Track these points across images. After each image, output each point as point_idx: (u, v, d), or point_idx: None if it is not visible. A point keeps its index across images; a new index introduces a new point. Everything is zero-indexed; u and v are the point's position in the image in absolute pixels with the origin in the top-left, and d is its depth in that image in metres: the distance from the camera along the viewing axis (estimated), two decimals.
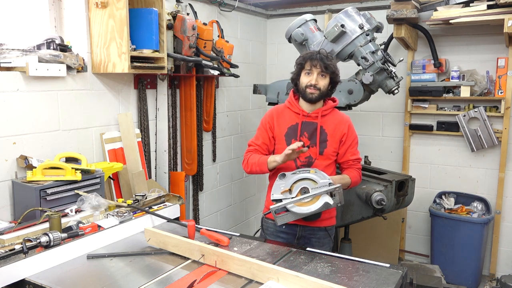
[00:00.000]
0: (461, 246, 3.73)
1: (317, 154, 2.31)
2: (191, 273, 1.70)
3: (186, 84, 3.43)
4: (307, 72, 2.29)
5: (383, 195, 2.94)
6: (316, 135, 2.31)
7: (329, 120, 2.35)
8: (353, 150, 2.40)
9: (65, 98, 2.56)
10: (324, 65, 2.25)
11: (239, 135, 4.35)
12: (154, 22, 2.71)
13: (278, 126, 2.37)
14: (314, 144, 2.31)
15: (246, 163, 2.37)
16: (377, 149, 4.28)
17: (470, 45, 3.82)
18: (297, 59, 2.35)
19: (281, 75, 4.41)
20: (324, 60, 2.25)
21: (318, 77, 2.27)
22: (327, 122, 2.34)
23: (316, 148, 2.31)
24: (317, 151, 2.31)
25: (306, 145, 2.29)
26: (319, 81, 2.27)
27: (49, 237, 1.78)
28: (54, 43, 2.43)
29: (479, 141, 3.78)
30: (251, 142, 2.44)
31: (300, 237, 2.36)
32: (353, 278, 1.69)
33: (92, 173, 2.43)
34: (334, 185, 1.99)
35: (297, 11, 4.43)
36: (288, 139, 2.33)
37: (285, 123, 2.36)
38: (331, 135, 2.33)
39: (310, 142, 2.31)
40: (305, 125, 2.33)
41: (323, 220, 2.35)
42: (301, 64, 2.30)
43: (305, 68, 2.29)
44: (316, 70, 2.26)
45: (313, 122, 2.33)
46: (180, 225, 2.20)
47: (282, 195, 2.00)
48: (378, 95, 3.36)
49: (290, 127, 2.35)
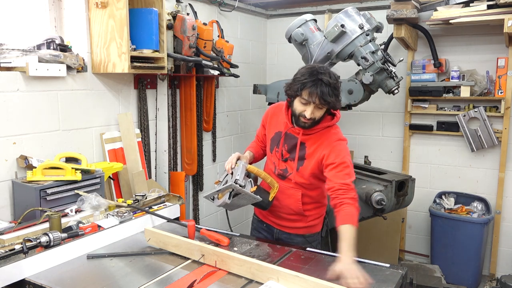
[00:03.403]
0: (461, 246, 3.73)
1: (295, 169, 2.16)
2: (191, 273, 1.70)
3: (186, 84, 3.43)
4: (303, 101, 1.99)
5: (383, 195, 2.94)
6: (297, 151, 2.14)
7: (313, 139, 2.12)
8: (341, 174, 2.00)
9: (65, 98, 2.56)
10: (323, 102, 1.95)
11: (239, 135, 4.35)
12: (154, 22, 2.71)
13: (269, 127, 2.28)
14: (292, 159, 2.16)
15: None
16: (377, 149, 4.28)
17: (470, 45, 3.82)
18: (297, 78, 2.00)
19: (281, 75, 4.42)
20: (326, 95, 1.93)
21: (314, 109, 1.99)
22: (310, 141, 2.12)
23: (294, 163, 2.15)
24: (295, 166, 2.15)
25: (285, 157, 2.18)
26: (315, 113, 2.00)
27: (49, 237, 1.78)
28: (54, 43, 2.43)
29: (479, 141, 3.78)
30: (255, 137, 2.42)
31: (278, 239, 2.29)
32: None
33: (92, 173, 2.43)
34: (228, 185, 1.97)
35: (297, 11, 4.43)
36: (272, 144, 2.25)
37: (275, 126, 2.25)
38: (309, 154, 2.11)
39: (289, 155, 2.17)
40: (288, 137, 2.17)
41: (299, 228, 2.26)
42: (296, 92, 1.99)
43: (302, 97, 1.98)
44: (313, 104, 1.97)
45: (295, 137, 2.15)
46: (180, 225, 2.20)
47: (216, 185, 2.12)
48: (378, 95, 3.36)
49: (277, 132, 2.23)
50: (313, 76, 1.95)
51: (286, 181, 2.20)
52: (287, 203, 2.22)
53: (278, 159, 2.21)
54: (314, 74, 1.95)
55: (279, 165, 2.21)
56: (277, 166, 2.22)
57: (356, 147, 4.34)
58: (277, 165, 2.22)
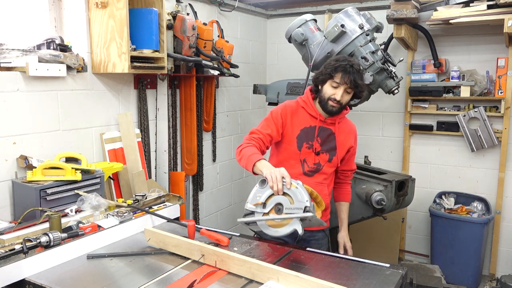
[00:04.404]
0: (461, 246, 3.73)
1: (326, 161, 2.25)
2: (191, 273, 1.70)
3: (186, 84, 3.43)
4: (334, 84, 2.13)
5: (383, 195, 2.94)
6: (329, 142, 2.24)
7: (341, 128, 2.28)
8: (352, 161, 2.39)
9: (65, 98, 2.56)
10: (354, 84, 2.11)
11: (239, 135, 4.34)
12: (154, 22, 2.71)
13: (292, 126, 2.23)
14: (325, 150, 2.24)
15: (240, 151, 2.06)
16: (377, 149, 4.28)
17: (470, 45, 3.82)
18: (329, 63, 2.16)
19: (281, 75, 4.41)
20: (357, 79, 2.10)
21: (344, 93, 2.13)
22: (339, 130, 2.27)
23: (326, 155, 2.25)
24: (327, 158, 2.25)
25: (317, 150, 2.23)
26: (344, 97, 2.14)
27: (49, 237, 1.78)
28: (54, 43, 2.43)
29: (479, 141, 3.78)
30: (256, 130, 2.18)
31: (300, 240, 2.29)
32: (353, 278, 1.69)
33: (92, 173, 2.43)
34: (307, 213, 1.75)
35: (297, 11, 4.43)
36: (300, 142, 2.22)
37: (299, 124, 2.23)
38: (341, 143, 2.27)
39: (321, 148, 2.23)
40: (320, 130, 2.24)
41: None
42: (330, 74, 2.12)
43: (334, 80, 2.12)
44: (344, 86, 2.12)
45: (328, 128, 2.24)
46: (180, 225, 2.20)
47: (254, 207, 1.83)
48: (378, 95, 3.36)
49: (303, 129, 2.23)
50: (345, 61, 2.13)
51: (315, 177, 2.24)
52: None
53: (311, 153, 2.22)
54: (345, 60, 2.14)
55: (311, 160, 2.22)
56: (308, 163, 2.23)
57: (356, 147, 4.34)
58: (308, 162, 2.23)
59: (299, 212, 1.74)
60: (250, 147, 2.05)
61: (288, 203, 1.78)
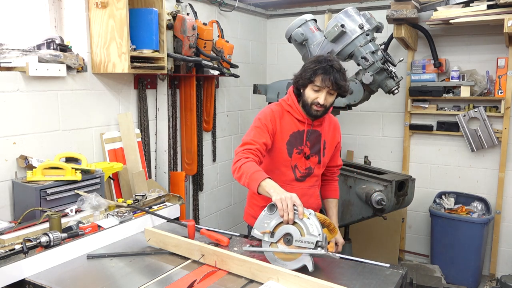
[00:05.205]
0: (461, 246, 3.73)
1: (316, 163, 2.19)
2: (191, 273, 1.70)
3: (186, 84, 3.43)
4: (315, 88, 2.01)
5: (383, 195, 2.94)
6: (317, 143, 2.18)
7: (326, 127, 2.21)
8: (338, 156, 2.35)
9: (65, 98, 2.56)
10: (337, 86, 1.98)
11: (239, 135, 4.34)
12: (154, 22, 2.71)
13: (281, 132, 2.12)
14: (314, 153, 2.18)
15: (240, 167, 1.88)
16: (377, 149, 4.28)
17: (470, 45, 3.82)
18: (308, 66, 2.03)
19: (281, 75, 4.41)
20: (338, 79, 1.97)
21: (327, 95, 2.01)
22: (326, 129, 2.21)
23: (316, 157, 2.19)
24: (316, 160, 2.19)
25: (307, 154, 2.16)
26: (327, 99, 2.02)
27: (49, 237, 1.78)
28: (54, 43, 2.43)
29: (479, 141, 3.78)
30: (250, 140, 2.01)
31: None
32: (353, 278, 1.69)
33: (92, 173, 2.43)
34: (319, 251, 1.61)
35: (297, 11, 4.43)
36: (290, 148, 2.13)
37: (287, 129, 2.13)
38: (329, 142, 2.22)
39: (310, 152, 2.16)
40: (309, 134, 2.15)
41: None
42: (309, 79, 2.00)
43: (314, 83, 2.00)
44: (326, 89, 1.99)
45: (316, 131, 2.17)
46: (180, 225, 2.20)
47: (262, 235, 1.72)
48: (378, 95, 3.36)
49: (292, 134, 2.13)
50: (324, 62, 1.99)
51: (307, 181, 2.21)
52: (309, 203, 2.20)
53: (301, 158, 2.16)
54: (323, 61, 2.00)
55: (302, 165, 2.17)
56: (300, 168, 2.17)
57: (356, 147, 4.35)
58: (299, 167, 2.16)
59: (310, 246, 1.62)
60: (250, 162, 1.89)
61: (299, 234, 1.64)
